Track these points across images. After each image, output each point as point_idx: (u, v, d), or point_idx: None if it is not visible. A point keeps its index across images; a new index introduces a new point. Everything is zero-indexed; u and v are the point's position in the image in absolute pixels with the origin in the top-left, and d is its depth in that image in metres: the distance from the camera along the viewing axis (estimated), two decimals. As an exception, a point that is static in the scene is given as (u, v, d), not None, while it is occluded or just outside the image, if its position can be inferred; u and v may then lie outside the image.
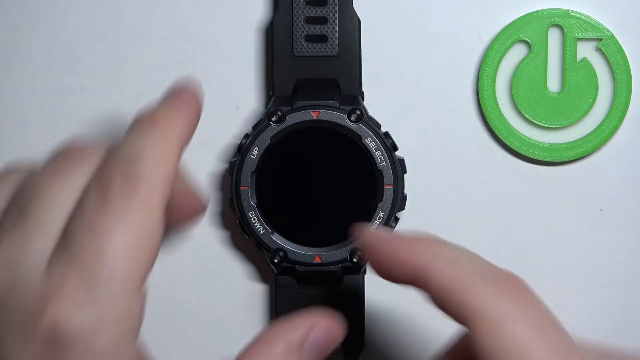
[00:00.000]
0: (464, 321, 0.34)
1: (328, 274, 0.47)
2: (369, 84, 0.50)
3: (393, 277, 0.36)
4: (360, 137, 0.47)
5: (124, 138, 0.38)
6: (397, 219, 0.48)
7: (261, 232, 0.47)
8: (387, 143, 0.47)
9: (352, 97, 0.48)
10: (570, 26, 0.50)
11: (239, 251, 0.51)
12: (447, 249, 0.36)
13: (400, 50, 0.51)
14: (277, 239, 0.47)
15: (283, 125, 0.47)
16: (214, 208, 0.51)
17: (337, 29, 0.48)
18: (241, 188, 0.47)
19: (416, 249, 0.36)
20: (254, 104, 0.51)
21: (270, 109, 0.47)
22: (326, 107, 0.47)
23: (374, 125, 0.47)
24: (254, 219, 0.47)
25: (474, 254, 0.36)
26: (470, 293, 0.34)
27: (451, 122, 0.51)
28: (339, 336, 0.38)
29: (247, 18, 0.51)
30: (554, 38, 0.50)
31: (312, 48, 0.48)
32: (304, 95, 0.47)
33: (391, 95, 0.51)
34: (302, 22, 0.48)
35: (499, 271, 0.35)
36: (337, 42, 0.48)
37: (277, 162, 0.47)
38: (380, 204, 0.47)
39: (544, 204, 0.51)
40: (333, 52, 0.48)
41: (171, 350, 0.52)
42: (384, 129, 0.48)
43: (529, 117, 0.50)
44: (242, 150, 0.47)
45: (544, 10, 0.50)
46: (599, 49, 0.50)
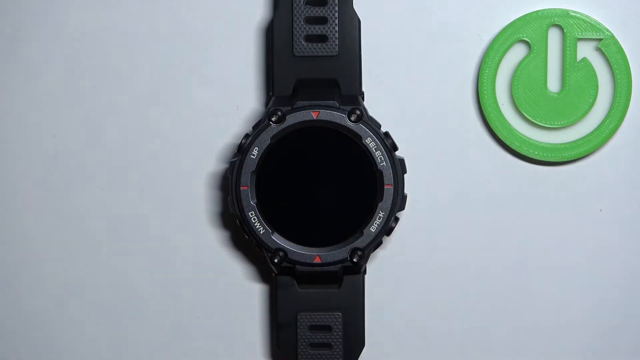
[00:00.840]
0: None
1: (328, 274, 0.47)
2: (369, 84, 0.50)
3: None
4: (360, 137, 0.47)
5: None
6: (397, 219, 0.48)
7: (261, 232, 0.47)
8: (387, 143, 0.47)
9: (352, 97, 0.48)
10: (570, 26, 0.50)
11: (239, 251, 0.51)
12: None
13: (400, 50, 0.51)
14: (277, 239, 0.47)
15: (283, 125, 0.47)
16: (214, 208, 0.51)
17: (337, 29, 0.48)
18: (241, 188, 0.47)
19: None
20: (254, 104, 0.51)
21: (270, 109, 0.47)
22: (326, 107, 0.47)
23: (374, 125, 0.47)
24: (254, 219, 0.47)
25: None
26: None
27: (451, 122, 0.51)
28: None
29: (247, 18, 0.51)
30: (554, 38, 0.50)
31: (312, 48, 0.48)
32: (304, 95, 0.47)
33: (391, 95, 0.51)
34: (302, 22, 0.48)
35: None
36: (337, 42, 0.48)
37: (277, 162, 0.47)
38: (380, 204, 0.47)
39: (544, 204, 0.51)
40: (333, 52, 0.48)
41: (171, 350, 0.52)
42: (384, 129, 0.48)
43: (529, 117, 0.50)
44: (242, 150, 0.47)
45: (544, 10, 0.50)
46: (599, 49, 0.50)
